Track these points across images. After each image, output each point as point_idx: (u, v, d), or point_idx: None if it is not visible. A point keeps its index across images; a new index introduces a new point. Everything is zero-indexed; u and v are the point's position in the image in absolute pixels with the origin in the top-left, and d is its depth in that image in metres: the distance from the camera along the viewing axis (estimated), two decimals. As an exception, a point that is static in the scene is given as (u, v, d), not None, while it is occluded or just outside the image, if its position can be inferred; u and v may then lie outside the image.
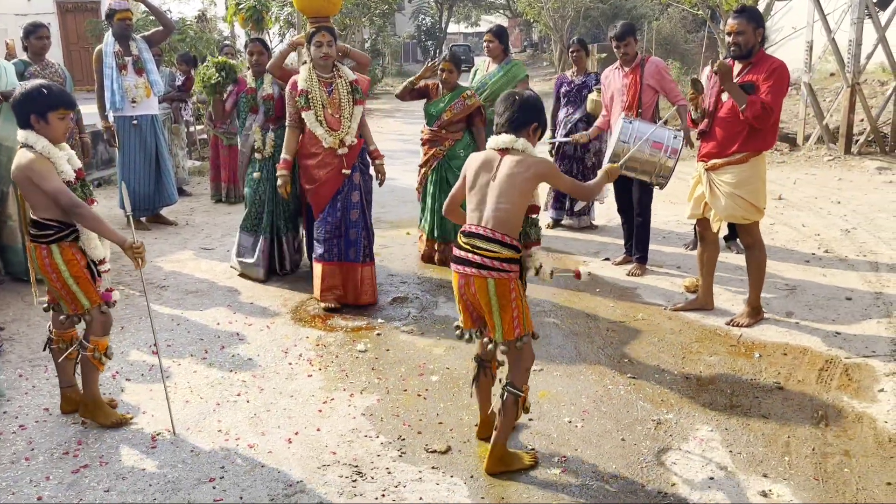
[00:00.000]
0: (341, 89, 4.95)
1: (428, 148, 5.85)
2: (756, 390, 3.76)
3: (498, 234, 2.97)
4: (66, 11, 19.01)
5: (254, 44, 5.56)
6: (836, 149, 10.32)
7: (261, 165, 5.44)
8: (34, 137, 3.13)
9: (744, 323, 4.52)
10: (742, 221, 4.43)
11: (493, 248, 2.96)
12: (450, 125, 5.69)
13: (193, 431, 3.42)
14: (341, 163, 4.92)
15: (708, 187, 4.46)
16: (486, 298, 2.97)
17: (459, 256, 3.04)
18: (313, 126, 4.86)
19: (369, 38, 28.65)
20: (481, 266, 2.96)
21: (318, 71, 4.93)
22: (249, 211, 5.51)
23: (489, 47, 6.14)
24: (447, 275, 5.63)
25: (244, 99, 5.48)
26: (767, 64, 4.22)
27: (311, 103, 4.86)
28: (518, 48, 42.87)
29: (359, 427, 3.45)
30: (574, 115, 6.69)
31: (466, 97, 5.67)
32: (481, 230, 2.99)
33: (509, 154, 3.05)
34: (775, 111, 4.18)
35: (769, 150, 4.44)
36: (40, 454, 3.22)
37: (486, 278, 2.95)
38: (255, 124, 5.43)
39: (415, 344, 4.40)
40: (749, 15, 4.25)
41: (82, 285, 3.25)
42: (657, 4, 22.74)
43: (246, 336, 4.53)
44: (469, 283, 3.01)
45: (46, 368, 4.01)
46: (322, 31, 4.87)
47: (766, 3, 11.55)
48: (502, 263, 2.95)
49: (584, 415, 3.53)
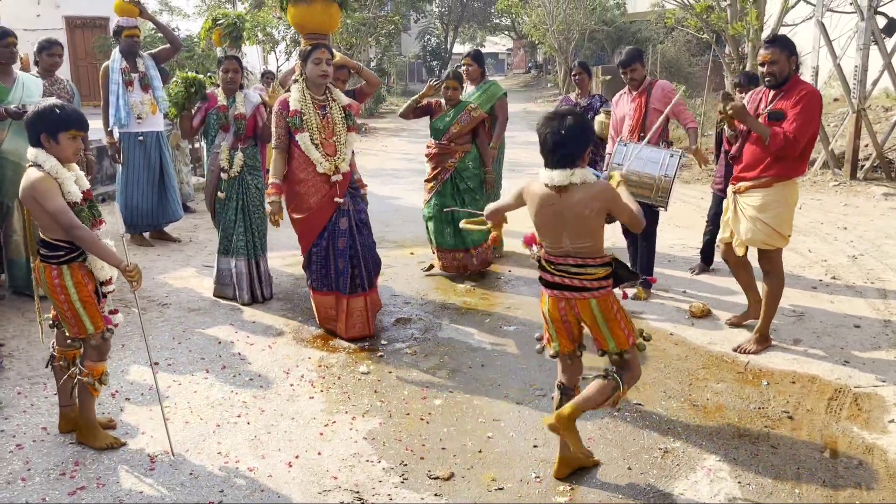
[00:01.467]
0: (335, 113, 4.66)
1: (437, 162, 5.94)
2: (764, 419, 3.70)
3: (590, 260, 3.00)
4: (74, 27, 19.13)
5: (229, 61, 5.39)
6: (841, 174, 10.30)
7: (226, 185, 5.34)
8: (43, 156, 3.11)
9: (751, 350, 4.47)
10: (763, 246, 4.37)
11: (590, 271, 2.99)
12: (458, 138, 5.87)
13: (193, 453, 3.37)
14: (334, 190, 4.65)
15: (733, 210, 4.46)
16: (592, 317, 3.03)
17: (554, 282, 3.05)
18: (308, 149, 4.54)
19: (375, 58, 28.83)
20: (580, 289, 3.00)
21: (311, 91, 4.61)
22: (221, 232, 5.42)
23: (468, 70, 6.38)
24: (451, 296, 5.61)
25: (215, 116, 5.30)
26: (797, 90, 4.17)
27: (306, 125, 4.57)
28: (523, 69, 43.11)
29: (360, 451, 3.40)
30: None
31: (471, 110, 5.88)
32: (571, 261, 3.01)
33: (569, 191, 2.92)
34: (801, 140, 4.11)
35: (800, 176, 4.36)
36: (37, 475, 3.17)
37: (589, 299, 3.00)
38: (223, 143, 5.32)
39: (418, 366, 4.35)
40: (781, 43, 4.20)
41: (88, 309, 3.22)
42: (662, 28, 22.87)
43: (247, 356, 4.49)
44: (571, 305, 3.04)
45: (45, 386, 3.97)
46: (322, 48, 4.55)
47: (772, 28, 11.58)
48: (599, 282, 2.99)
49: (589, 442, 3.47)
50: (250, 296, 5.44)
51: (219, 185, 5.37)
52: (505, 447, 3.44)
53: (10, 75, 5.27)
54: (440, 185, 5.96)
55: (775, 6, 11.77)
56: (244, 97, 5.41)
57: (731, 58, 12.49)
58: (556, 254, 3.05)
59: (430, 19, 39.67)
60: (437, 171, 5.97)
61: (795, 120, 4.10)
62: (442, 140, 5.90)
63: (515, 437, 3.52)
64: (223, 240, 5.44)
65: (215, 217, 5.48)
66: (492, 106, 6.40)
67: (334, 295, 4.77)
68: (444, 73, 6.10)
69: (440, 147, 5.92)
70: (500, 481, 3.16)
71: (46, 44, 5.75)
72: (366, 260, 4.81)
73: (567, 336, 3.14)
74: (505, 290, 5.84)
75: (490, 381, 4.15)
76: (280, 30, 21.79)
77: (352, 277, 4.75)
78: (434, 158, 5.99)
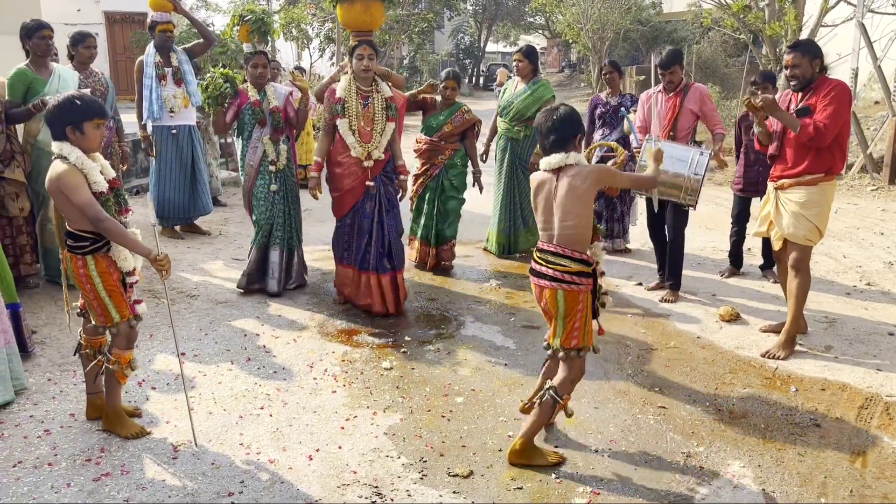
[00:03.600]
0: (377, 104, 5.05)
1: (426, 158, 6.14)
2: (791, 426, 3.63)
3: (568, 251, 3.18)
4: (113, 22, 19.47)
5: (258, 57, 5.45)
6: (879, 179, 10.07)
7: (275, 177, 5.43)
8: (69, 148, 3.15)
9: (781, 355, 4.39)
10: (804, 242, 4.37)
11: (563, 262, 3.18)
12: (449, 137, 6.07)
13: (215, 444, 3.40)
14: (366, 174, 5.04)
15: (774, 206, 4.48)
16: (555, 307, 3.23)
17: (535, 269, 3.29)
18: (345, 134, 4.98)
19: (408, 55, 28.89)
20: (553, 278, 3.19)
21: (357, 83, 5.04)
22: (262, 226, 5.46)
23: (518, 66, 6.47)
24: (475, 294, 5.59)
25: (250, 112, 5.38)
26: (826, 85, 4.25)
27: (346, 112, 4.98)
28: (556, 69, 42.84)
29: (380, 446, 3.40)
30: (610, 137, 6.62)
31: (464, 112, 6.11)
32: (552, 247, 3.22)
33: (563, 171, 3.20)
34: (831, 129, 4.16)
35: (839, 173, 4.46)
36: (63, 460, 3.23)
37: (557, 290, 3.19)
38: (264, 137, 5.38)
39: (441, 363, 4.35)
40: (804, 48, 4.29)
41: (115, 299, 3.26)
42: (698, 28, 22.57)
43: (272, 349, 4.52)
44: (542, 293, 3.27)
45: (75, 373, 4.04)
46: (364, 45, 5.00)
47: (811, 29, 11.36)
48: (573, 276, 3.17)
49: (611, 444, 3.43)
50: (278, 285, 5.49)
51: (265, 179, 5.41)
52: (525, 447, 3.41)
53: (46, 68, 5.37)
54: (429, 180, 6.14)
55: (814, 6, 11.54)
56: (274, 90, 5.47)
57: (768, 58, 12.28)
58: (545, 239, 3.28)
59: (464, 17, 39.59)
60: (426, 168, 6.16)
61: (824, 110, 4.18)
62: (433, 137, 6.08)
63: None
64: (267, 232, 5.46)
65: (254, 210, 5.49)
66: (538, 109, 6.35)
67: (357, 271, 5.14)
68: (443, 73, 6.22)
69: (431, 143, 6.10)
70: (519, 481, 3.14)
71: (80, 36, 5.84)
72: (392, 241, 5.14)
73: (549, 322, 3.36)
74: (530, 289, 5.79)
75: (513, 380, 4.12)
76: (314, 26, 21.96)
77: (379, 257, 5.08)
78: (424, 154, 6.17)
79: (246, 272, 5.57)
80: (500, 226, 6.63)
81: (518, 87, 6.45)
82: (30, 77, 5.26)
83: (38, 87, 5.26)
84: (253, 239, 5.54)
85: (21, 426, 3.51)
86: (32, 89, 5.25)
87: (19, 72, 5.27)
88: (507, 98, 6.53)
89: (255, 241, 5.51)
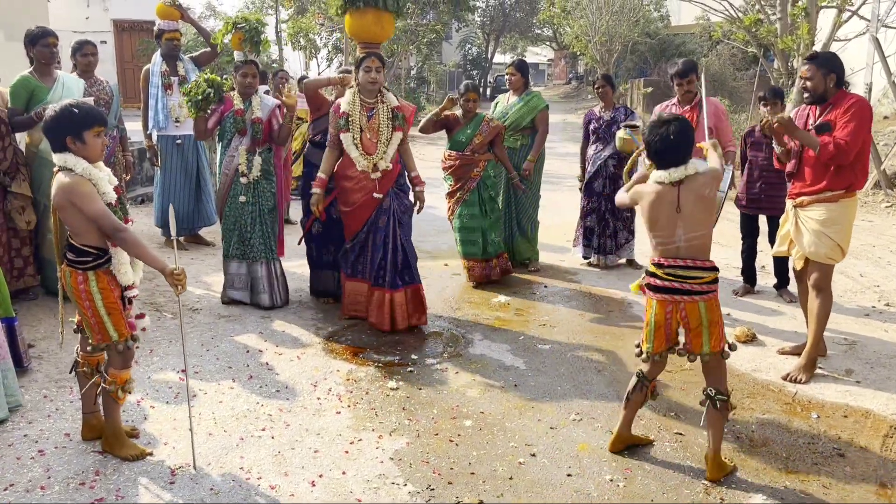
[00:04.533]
0: (381, 115, 4.97)
1: (461, 174, 6.07)
2: (814, 455, 3.48)
3: (699, 263, 3.18)
4: (122, 30, 19.46)
5: (248, 66, 5.34)
6: (893, 195, 9.92)
7: (245, 189, 5.31)
8: (73, 160, 3.04)
9: (802, 379, 4.24)
10: (826, 261, 4.24)
11: (698, 275, 3.17)
12: (480, 148, 6.04)
13: (215, 467, 3.27)
14: (374, 187, 4.94)
15: (794, 224, 4.35)
16: (698, 320, 3.19)
17: (664, 286, 3.21)
18: (349, 148, 4.91)
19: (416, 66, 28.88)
20: (690, 292, 3.16)
21: (362, 95, 4.95)
22: (230, 236, 5.35)
23: (511, 80, 6.53)
24: (484, 311, 5.47)
25: (232, 119, 5.26)
26: (845, 101, 4.13)
27: (350, 126, 4.90)
28: (563, 80, 42.84)
29: (386, 472, 3.27)
30: (603, 152, 6.51)
31: (489, 121, 6.10)
32: (681, 262, 3.18)
33: (685, 183, 3.17)
34: (852, 147, 4.04)
35: (861, 189, 4.38)
36: (56, 483, 3.10)
37: (697, 302, 3.17)
38: (241, 147, 5.28)
39: (448, 384, 4.21)
40: (819, 61, 4.16)
41: (114, 317, 3.14)
42: (706, 41, 22.49)
43: (275, 366, 4.40)
44: (678, 308, 3.21)
45: (72, 390, 3.92)
46: (372, 57, 4.92)
47: (823, 43, 11.24)
48: (709, 286, 3.18)
49: (626, 473, 3.29)
50: (270, 298, 5.39)
51: (237, 189, 5.31)
52: (537, 475, 3.28)
53: (50, 75, 5.29)
54: (467, 194, 6.06)
55: (827, 20, 11.43)
56: (260, 101, 5.37)
57: (779, 73, 12.17)
58: (666, 255, 3.21)
59: (472, 28, 39.64)
60: (461, 184, 6.08)
61: (845, 127, 4.06)
62: (465, 151, 6.03)
63: (548, 464, 3.36)
64: (236, 244, 5.36)
65: (224, 220, 5.40)
66: (533, 118, 6.34)
67: (368, 285, 5.06)
68: (462, 86, 6.20)
69: (463, 158, 6.03)
70: (531, 512, 3.00)
71: (78, 45, 5.76)
72: (406, 255, 5.05)
73: (664, 338, 3.30)
74: (540, 305, 5.68)
75: (523, 402, 3.99)
76: (322, 36, 21.95)
77: (394, 272, 4.98)
78: (457, 171, 6.08)
79: (230, 286, 5.46)
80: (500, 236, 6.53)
81: (510, 100, 6.53)
82: (33, 85, 5.18)
83: (41, 94, 5.17)
84: (224, 251, 5.44)
85: (14, 446, 3.39)
86: (35, 97, 5.16)
87: (22, 79, 5.19)
88: (500, 110, 6.56)
89: (229, 253, 5.40)
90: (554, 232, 6.87)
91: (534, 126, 6.41)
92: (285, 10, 21.83)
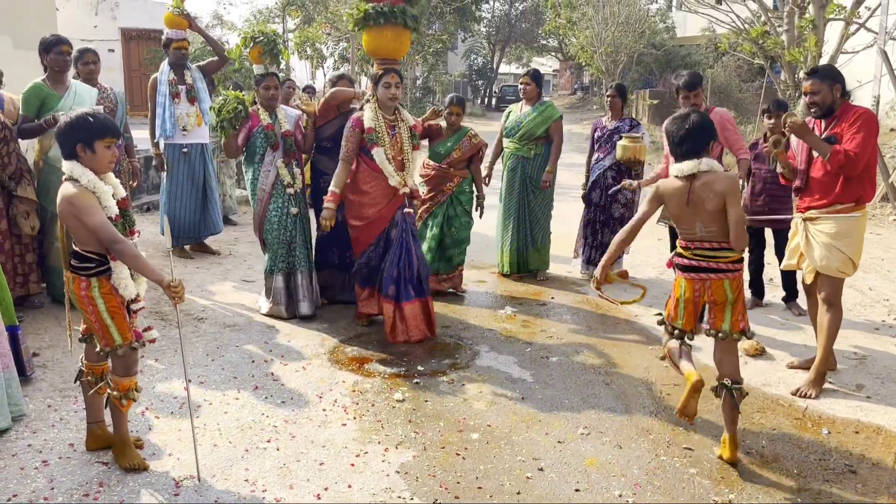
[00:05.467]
0: (403, 132, 5.03)
1: (434, 185, 6.04)
2: (826, 472, 3.43)
3: (723, 245, 3.34)
4: (130, 39, 19.56)
5: (270, 78, 5.37)
6: (901, 208, 9.87)
7: (294, 200, 5.34)
8: (80, 170, 3.04)
9: (812, 394, 4.20)
10: (836, 275, 4.20)
11: (724, 254, 3.35)
12: (458, 163, 5.98)
13: (219, 479, 3.24)
14: (395, 203, 5.01)
15: (804, 238, 4.31)
16: (723, 296, 3.37)
17: (691, 265, 3.40)
18: (383, 163, 4.89)
19: (421, 76, 28.94)
20: (717, 270, 3.34)
21: (382, 111, 4.96)
22: (277, 250, 5.34)
23: (525, 89, 6.52)
24: (491, 323, 5.43)
25: (263, 135, 5.27)
26: (851, 113, 4.11)
27: (379, 141, 4.91)
28: (568, 91, 42.90)
29: (392, 486, 3.23)
30: (603, 162, 6.47)
31: (471, 136, 6.01)
32: (706, 244, 3.36)
33: (697, 177, 3.31)
34: (861, 158, 4.02)
35: (870, 202, 4.37)
36: (59, 494, 3.07)
37: (723, 279, 3.35)
38: (277, 160, 5.29)
39: (455, 396, 4.18)
40: (822, 73, 4.15)
41: (117, 321, 3.13)
42: (711, 52, 22.51)
43: (281, 377, 4.37)
44: (706, 286, 3.39)
45: (76, 400, 3.90)
46: (392, 73, 4.94)
47: (830, 55, 11.22)
48: (734, 264, 3.35)
49: (635, 489, 3.25)
50: (310, 306, 5.40)
51: (280, 203, 5.30)
52: (545, 490, 3.24)
53: (63, 83, 5.32)
54: (435, 206, 6.05)
55: (835, 33, 11.41)
56: (284, 114, 5.39)
57: (786, 84, 12.14)
58: (694, 238, 3.39)
59: (478, 38, 39.76)
60: (433, 194, 6.06)
61: (853, 138, 4.04)
62: (442, 164, 5.99)
63: (556, 479, 3.32)
64: (283, 257, 5.34)
65: (266, 235, 5.36)
66: (546, 128, 6.31)
67: (379, 296, 5.09)
68: (447, 98, 6.20)
69: (439, 170, 5.99)
70: (539, 527, 2.96)
71: (79, 54, 5.77)
72: (420, 268, 5.07)
73: (693, 315, 3.49)
74: (547, 317, 5.65)
75: (530, 416, 3.95)
76: (328, 46, 22.02)
77: (406, 285, 4.99)
78: (431, 181, 6.06)
79: (279, 302, 5.39)
80: (511, 245, 6.53)
81: (524, 109, 6.50)
82: (45, 92, 5.21)
83: (52, 102, 5.19)
84: (270, 266, 5.38)
85: (18, 456, 3.36)
86: (46, 104, 5.18)
87: (35, 86, 5.24)
88: (513, 119, 6.53)
89: (277, 267, 5.35)
90: (560, 242, 6.84)
91: (547, 136, 6.38)
92: (292, 19, 21.92)
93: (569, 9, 25.44)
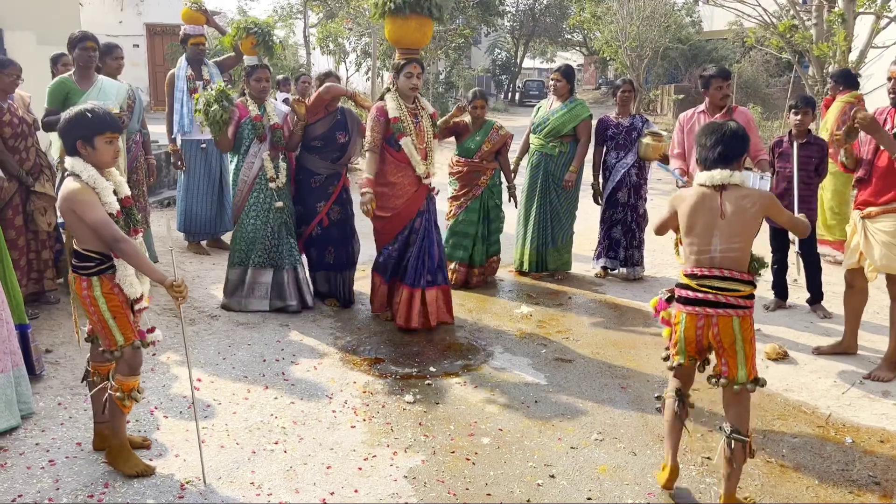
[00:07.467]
0: (425, 121, 5.10)
1: (468, 180, 6.11)
2: (849, 484, 3.31)
3: (736, 274, 2.98)
4: (154, 34, 19.68)
5: (262, 70, 5.30)
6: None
7: (278, 194, 5.28)
8: (81, 165, 3.01)
9: (885, 378, 4.27)
10: None
11: (735, 287, 2.97)
12: (489, 156, 6.07)
13: (225, 482, 3.20)
14: (419, 193, 5.08)
15: (863, 236, 4.23)
16: (731, 337, 2.97)
17: (696, 298, 3.00)
18: (411, 153, 4.95)
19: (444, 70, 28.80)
20: (726, 305, 2.95)
21: (404, 101, 5.01)
22: (253, 245, 5.27)
23: (556, 86, 6.37)
24: (506, 322, 5.35)
25: (251, 126, 5.21)
26: None
27: (406, 130, 4.95)
28: (593, 86, 42.51)
29: (400, 491, 3.17)
30: (626, 160, 6.34)
31: (498, 128, 6.11)
32: (717, 272, 2.98)
33: (728, 190, 3.03)
34: None
35: None
36: (64, 495, 3.05)
37: (732, 317, 2.95)
38: (262, 153, 5.23)
39: (467, 399, 4.10)
40: None
41: (119, 321, 3.09)
42: (739, 47, 22.13)
43: (291, 376, 4.33)
44: (710, 323, 2.98)
45: (86, 398, 3.87)
46: (414, 63, 4.99)
47: (860, 50, 10.95)
48: (746, 300, 2.96)
49: (649, 498, 3.16)
50: (300, 303, 5.38)
51: (261, 195, 5.26)
52: (556, 497, 3.16)
53: (88, 79, 5.37)
54: (470, 200, 6.11)
55: (864, 27, 11.13)
56: (273, 107, 5.35)
57: (814, 80, 11.88)
58: (701, 265, 3.02)
59: (501, 33, 39.49)
60: (466, 189, 6.12)
61: None
62: (474, 158, 6.05)
63: (568, 486, 3.24)
64: (260, 251, 5.29)
65: (240, 227, 5.32)
66: (574, 126, 6.19)
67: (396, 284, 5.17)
68: (470, 93, 6.21)
69: (471, 165, 6.06)
70: (548, 538, 2.88)
71: (107, 48, 5.77)
72: (440, 253, 5.20)
73: (695, 351, 3.11)
74: (564, 317, 5.55)
75: (543, 420, 3.86)
76: (351, 41, 21.98)
77: (426, 272, 5.07)
78: (464, 177, 6.12)
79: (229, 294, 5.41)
80: (532, 244, 6.43)
81: (554, 105, 6.36)
82: (69, 86, 5.28)
83: (76, 97, 5.21)
84: (236, 259, 5.33)
85: (25, 455, 3.35)
86: (70, 99, 5.20)
87: (60, 81, 5.34)
88: (541, 115, 6.41)
89: (234, 259, 5.32)
90: (578, 240, 6.72)
91: (575, 134, 6.26)
92: (314, 14, 21.92)
93: (593, 3, 25.18)
